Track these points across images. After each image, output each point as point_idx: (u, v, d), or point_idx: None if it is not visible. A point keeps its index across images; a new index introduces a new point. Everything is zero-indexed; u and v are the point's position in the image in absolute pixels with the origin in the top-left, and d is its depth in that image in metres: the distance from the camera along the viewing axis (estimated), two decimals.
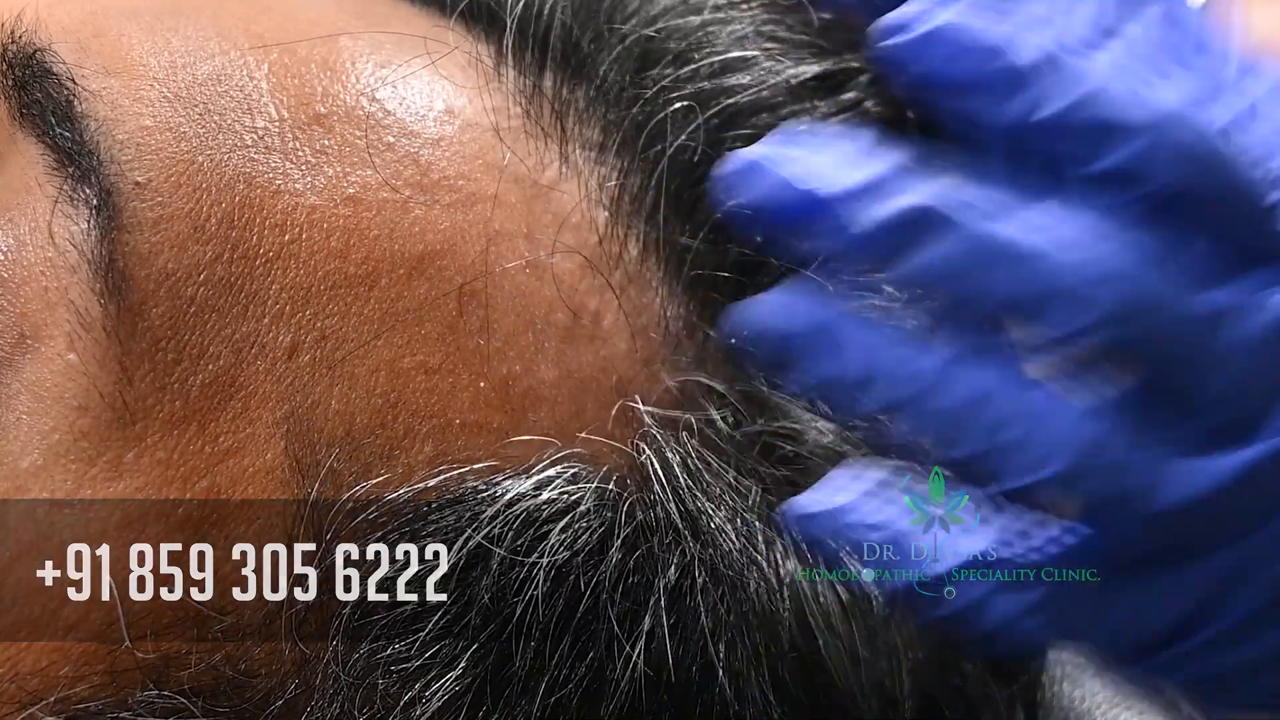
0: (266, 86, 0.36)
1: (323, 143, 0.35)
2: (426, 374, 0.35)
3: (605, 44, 0.39)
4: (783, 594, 0.35)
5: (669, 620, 0.34)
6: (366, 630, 0.34)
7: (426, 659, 0.34)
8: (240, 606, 0.34)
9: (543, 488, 0.35)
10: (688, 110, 0.39)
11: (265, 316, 0.34)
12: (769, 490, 0.36)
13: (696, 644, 0.35)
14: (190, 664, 0.33)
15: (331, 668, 0.34)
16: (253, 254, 0.34)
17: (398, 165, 0.36)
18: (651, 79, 0.39)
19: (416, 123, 0.36)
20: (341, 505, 0.34)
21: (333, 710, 0.34)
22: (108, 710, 0.33)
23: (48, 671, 0.33)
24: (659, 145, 0.38)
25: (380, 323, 0.35)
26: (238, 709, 0.34)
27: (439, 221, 0.35)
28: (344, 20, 0.38)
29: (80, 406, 0.33)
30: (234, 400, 0.34)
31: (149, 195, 0.34)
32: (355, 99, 0.36)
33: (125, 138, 0.34)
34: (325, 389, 0.34)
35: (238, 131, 0.35)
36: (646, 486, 0.36)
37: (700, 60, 0.39)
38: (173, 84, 0.35)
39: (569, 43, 0.39)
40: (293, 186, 0.35)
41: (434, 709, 0.34)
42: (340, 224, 0.35)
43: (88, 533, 0.33)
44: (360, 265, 0.35)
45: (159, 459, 0.34)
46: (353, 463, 0.34)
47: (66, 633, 0.33)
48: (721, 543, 0.35)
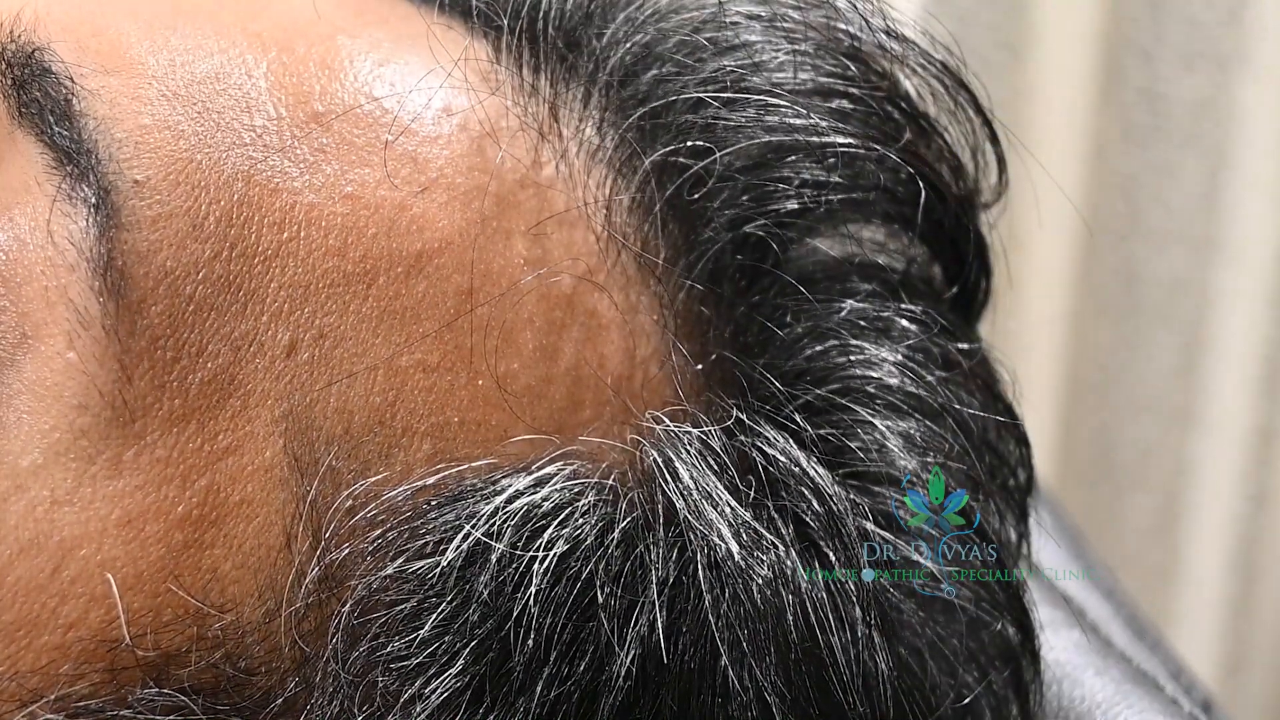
0: (265, 85, 0.36)
1: (321, 141, 0.35)
2: (425, 372, 0.35)
3: (604, 44, 0.39)
4: (782, 591, 0.35)
5: (668, 616, 0.34)
6: (366, 628, 0.34)
7: (426, 656, 0.34)
8: (240, 604, 0.34)
9: (542, 485, 0.35)
10: (686, 110, 0.39)
11: (264, 314, 0.34)
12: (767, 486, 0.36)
13: (695, 640, 0.35)
14: (190, 662, 0.33)
15: (331, 665, 0.34)
16: (251, 252, 0.34)
17: (395, 163, 0.36)
18: (650, 79, 0.39)
19: (414, 121, 0.36)
20: (340, 503, 0.34)
21: (332, 708, 0.34)
22: (108, 708, 0.33)
23: (48, 670, 0.33)
24: (658, 145, 0.38)
25: (378, 321, 0.35)
26: (238, 707, 0.34)
27: (437, 219, 0.35)
28: (342, 19, 0.38)
29: (80, 405, 0.33)
30: (233, 398, 0.34)
31: (147, 193, 0.34)
32: (353, 97, 0.36)
33: (124, 136, 0.34)
34: (324, 387, 0.34)
35: (236, 130, 0.35)
36: (646, 483, 0.36)
37: (699, 61, 0.39)
38: (171, 82, 0.35)
39: (567, 42, 0.39)
40: (291, 184, 0.35)
41: (433, 706, 0.34)
42: (338, 222, 0.35)
43: (87, 531, 0.33)
44: (358, 263, 0.35)
45: (158, 457, 0.33)
46: (351, 460, 0.34)
47: (66, 631, 0.33)
48: (721, 540, 0.35)
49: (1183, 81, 1.00)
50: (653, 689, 0.35)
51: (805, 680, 0.35)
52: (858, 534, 0.36)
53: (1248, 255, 1.03)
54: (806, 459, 0.36)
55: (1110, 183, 1.03)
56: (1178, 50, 1.00)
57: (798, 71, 0.39)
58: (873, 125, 0.39)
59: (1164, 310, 1.06)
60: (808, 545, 0.36)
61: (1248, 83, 1.00)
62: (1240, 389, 1.07)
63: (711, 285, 0.38)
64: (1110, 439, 1.09)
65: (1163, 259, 1.04)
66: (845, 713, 0.35)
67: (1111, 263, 1.05)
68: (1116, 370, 1.08)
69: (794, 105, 0.39)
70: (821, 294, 0.39)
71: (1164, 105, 1.01)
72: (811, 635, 0.35)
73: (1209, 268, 1.04)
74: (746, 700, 0.35)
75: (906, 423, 0.38)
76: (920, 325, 0.39)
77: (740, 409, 0.37)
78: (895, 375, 0.38)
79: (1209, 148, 1.01)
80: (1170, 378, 1.07)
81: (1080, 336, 1.08)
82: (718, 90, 0.38)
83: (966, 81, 0.41)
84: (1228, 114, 1.01)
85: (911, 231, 0.40)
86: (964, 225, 0.41)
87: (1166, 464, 1.09)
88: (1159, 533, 1.11)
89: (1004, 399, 0.41)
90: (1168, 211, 1.03)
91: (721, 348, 0.38)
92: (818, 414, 0.38)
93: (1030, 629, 0.40)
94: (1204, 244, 1.03)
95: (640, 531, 0.35)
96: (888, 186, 0.40)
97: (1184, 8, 0.99)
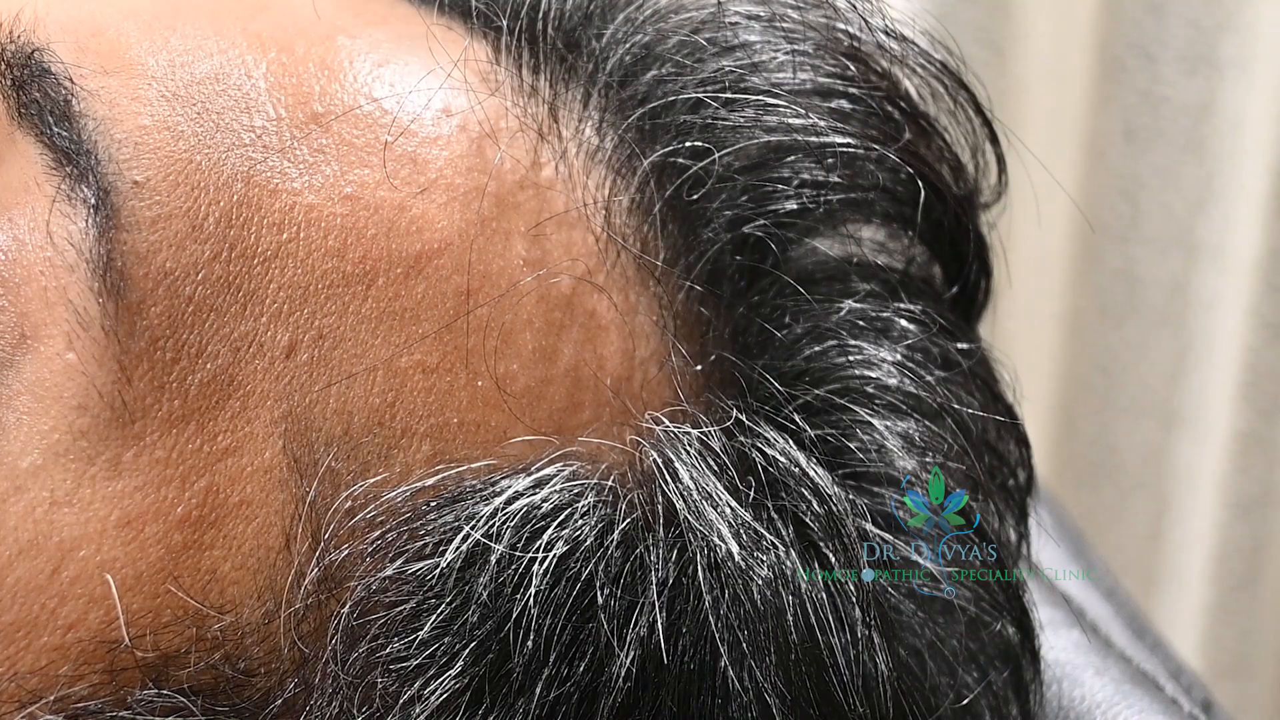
0: (264, 85, 0.36)
1: (320, 142, 0.35)
2: (424, 373, 0.35)
3: (603, 44, 0.39)
4: (782, 591, 0.35)
5: (668, 617, 0.34)
6: (365, 629, 0.34)
7: (425, 657, 0.34)
8: (239, 605, 0.34)
9: (541, 486, 0.35)
10: (686, 110, 0.39)
11: (263, 315, 0.34)
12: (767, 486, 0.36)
13: (695, 641, 0.35)
14: (189, 663, 0.33)
15: (330, 666, 0.34)
16: (251, 253, 0.34)
17: (395, 164, 0.36)
18: (649, 80, 0.39)
19: (413, 122, 0.36)
20: (340, 504, 0.34)
21: (332, 709, 0.34)
22: (107, 709, 0.33)
23: (47, 670, 0.33)
24: (657, 146, 0.38)
25: (378, 322, 0.35)
26: (237, 708, 0.34)
27: (436, 220, 0.35)
28: (342, 19, 0.38)
29: (79, 406, 0.33)
30: (232, 399, 0.34)
31: (147, 194, 0.34)
32: (353, 98, 0.36)
33: (123, 136, 0.34)
34: (323, 388, 0.34)
35: (235, 130, 0.35)
36: (646, 484, 0.36)
37: (699, 61, 0.39)
38: (171, 83, 0.35)
39: (567, 42, 0.39)
40: (290, 185, 0.35)
41: (433, 707, 0.34)
42: (338, 223, 0.35)
43: (87, 532, 0.33)
44: (358, 264, 0.35)
45: (158, 458, 0.33)
46: (351, 462, 0.34)
47: (66, 632, 0.33)
48: (721, 540, 0.35)
49: (1183, 85, 1.00)
50: (652, 690, 0.35)
51: (805, 681, 0.35)
52: (857, 534, 0.36)
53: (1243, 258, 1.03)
54: (806, 459, 0.36)
55: (1111, 184, 1.03)
56: (1179, 53, 1.00)
57: (797, 71, 0.39)
58: (872, 125, 0.39)
59: (1164, 312, 1.06)
60: (807, 546, 0.36)
61: (1244, 88, 1.00)
62: (1233, 394, 1.07)
63: (711, 286, 0.38)
64: (1110, 441, 1.09)
65: (1163, 261, 1.04)
66: (845, 713, 0.35)
67: (1112, 264, 1.05)
68: (1117, 372, 1.08)
69: (793, 105, 0.39)
70: (821, 294, 0.39)
71: (1167, 109, 1.01)
72: (811, 636, 0.35)
73: (1207, 271, 1.04)
74: (746, 701, 0.35)
75: (906, 423, 0.38)
76: (920, 325, 0.39)
77: (740, 410, 0.37)
78: (894, 375, 0.38)
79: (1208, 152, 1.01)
80: (1170, 380, 1.07)
81: (1080, 337, 1.08)
82: (717, 90, 0.38)
83: (966, 81, 0.41)
84: (1224, 118, 1.01)
85: (911, 231, 0.40)
86: (964, 225, 0.41)
87: (1165, 466, 1.09)
88: (1154, 537, 1.11)
89: (1004, 399, 0.41)
90: (1168, 214, 1.03)
91: (721, 348, 0.38)
92: (817, 414, 0.38)
93: (1030, 629, 0.40)
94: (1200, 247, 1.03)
95: (640, 532, 0.35)
96: (887, 186, 0.40)
97: (1185, 11, 0.99)
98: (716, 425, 0.37)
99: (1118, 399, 1.08)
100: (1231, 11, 0.99)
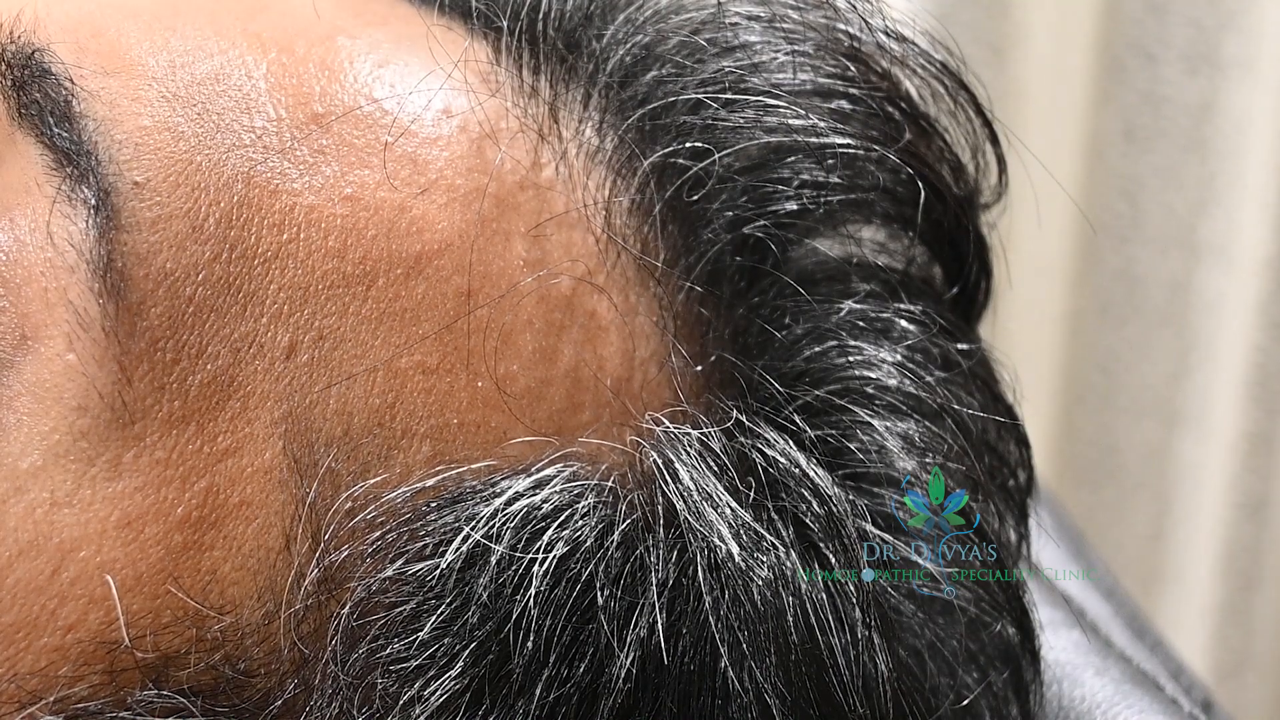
0: (264, 86, 0.36)
1: (320, 142, 0.35)
2: (424, 374, 0.35)
3: (603, 45, 0.39)
4: (782, 592, 0.35)
5: (668, 617, 0.34)
6: (365, 630, 0.34)
7: (425, 658, 0.34)
8: (239, 606, 0.34)
9: (541, 486, 0.35)
10: (686, 111, 0.39)
11: (263, 316, 0.34)
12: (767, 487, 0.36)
13: (695, 642, 0.35)
14: (189, 663, 0.33)
15: (330, 667, 0.34)
16: (251, 253, 0.34)
17: (395, 165, 0.36)
18: (649, 80, 0.39)
19: (414, 122, 0.36)
20: (340, 505, 0.34)
21: (332, 710, 0.34)
22: (107, 710, 0.33)
23: (47, 671, 0.33)
24: (657, 147, 0.38)
25: (378, 322, 0.35)
26: (237, 708, 0.34)
27: (436, 221, 0.35)
28: (342, 20, 0.38)
29: (79, 407, 0.33)
30: (232, 400, 0.34)
31: (147, 195, 0.34)
32: (353, 98, 0.36)
33: (123, 137, 0.34)
34: (323, 389, 0.34)
35: (236, 131, 0.35)
36: (646, 484, 0.36)
37: (699, 62, 0.39)
38: (171, 83, 0.35)
39: (567, 43, 0.39)
40: (290, 186, 0.35)
41: (433, 708, 0.34)
42: (338, 223, 0.35)
43: (87, 533, 0.33)
44: (358, 265, 0.35)
45: (158, 459, 0.33)
46: (351, 462, 0.34)
47: (66, 633, 0.33)
48: (721, 541, 0.35)
49: (1185, 85, 1.00)
50: (652, 691, 0.35)
51: (805, 681, 0.35)
52: (857, 535, 0.36)
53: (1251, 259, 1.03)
54: (806, 460, 0.36)
55: (1111, 184, 1.03)
56: (1180, 53, 1.00)
57: (797, 72, 0.39)
58: (873, 126, 0.39)
59: (1165, 312, 1.06)
60: (808, 546, 0.36)
61: (1248, 88, 1.00)
62: (1240, 394, 1.07)
63: (711, 287, 0.38)
64: (1111, 441, 1.09)
65: (1164, 261, 1.04)
66: (845, 714, 0.35)
67: (1113, 264, 1.05)
68: (1118, 372, 1.08)
69: (793, 106, 0.39)
70: (821, 295, 0.39)
71: (1168, 109, 1.01)
72: (811, 636, 0.35)
73: (1209, 271, 1.04)
74: (746, 701, 0.35)
75: (906, 423, 0.38)
76: (920, 326, 0.39)
77: (740, 410, 0.37)
78: (895, 376, 0.38)
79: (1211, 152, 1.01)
80: (1171, 380, 1.07)
81: (1081, 337, 1.08)
82: (717, 91, 0.38)
83: (966, 82, 0.41)
84: (1227, 118, 1.01)
85: (911, 232, 0.40)
86: (964, 225, 0.41)
87: (1166, 467, 1.09)
88: (1155, 537, 1.11)
89: (1004, 400, 0.41)
90: (1169, 214, 1.03)
91: (721, 349, 0.38)
92: (817, 415, 0.38)
93: (1030, 629, 0.40)
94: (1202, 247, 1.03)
95: (640, 533, 0.35)
96: (887, 187, 0.39)
97: (1186, 10, 0.99)
98: (717, 426, 0.37)
99: (1118, 399, 1.08)
100: (1234, 11, 0.99)
